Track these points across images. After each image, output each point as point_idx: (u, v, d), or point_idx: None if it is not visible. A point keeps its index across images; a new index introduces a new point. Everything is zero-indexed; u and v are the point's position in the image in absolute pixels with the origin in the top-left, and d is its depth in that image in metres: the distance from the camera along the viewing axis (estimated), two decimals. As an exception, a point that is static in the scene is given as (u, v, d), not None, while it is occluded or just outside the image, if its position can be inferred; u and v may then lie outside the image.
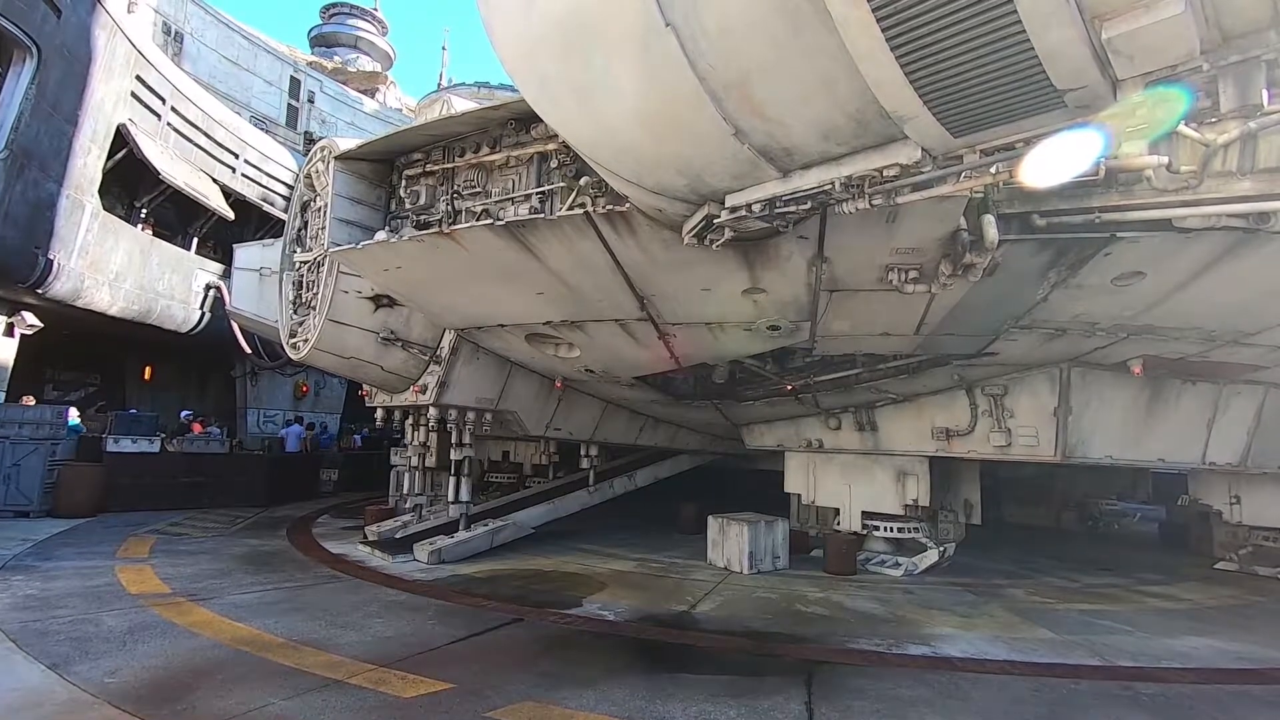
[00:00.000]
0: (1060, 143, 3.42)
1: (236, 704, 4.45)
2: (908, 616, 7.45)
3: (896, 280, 5.80)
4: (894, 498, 9.64)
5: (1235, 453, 8.38)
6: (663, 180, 4.73)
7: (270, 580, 8.21)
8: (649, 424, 12.09)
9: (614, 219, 5.65)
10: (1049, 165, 3.55)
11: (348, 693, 4.72)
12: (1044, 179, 3.69)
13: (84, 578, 7.89)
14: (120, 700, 4.44)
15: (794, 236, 5.54)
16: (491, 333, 8.56)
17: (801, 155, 4.10)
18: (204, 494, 14.60)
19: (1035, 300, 6.24)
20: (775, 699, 4.93)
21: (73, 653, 5.31)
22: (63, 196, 13.27)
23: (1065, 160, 3.58)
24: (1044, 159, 3.51)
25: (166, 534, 11.19)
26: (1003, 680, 5.52)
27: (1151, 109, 3.10)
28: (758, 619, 7.19)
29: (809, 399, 9.54)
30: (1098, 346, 7.17)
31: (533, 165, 6.93)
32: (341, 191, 7.61)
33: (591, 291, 6.92)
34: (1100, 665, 5.99)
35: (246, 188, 19.47)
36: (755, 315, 6.89)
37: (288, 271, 10.46)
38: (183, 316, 17.98)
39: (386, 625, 6.45)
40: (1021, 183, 3.81)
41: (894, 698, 5.03)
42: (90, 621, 6.16)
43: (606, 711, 4.57)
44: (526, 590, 8.10)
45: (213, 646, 5.64)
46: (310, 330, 9.20)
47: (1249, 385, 8.16)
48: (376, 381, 9.86)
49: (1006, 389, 8.27)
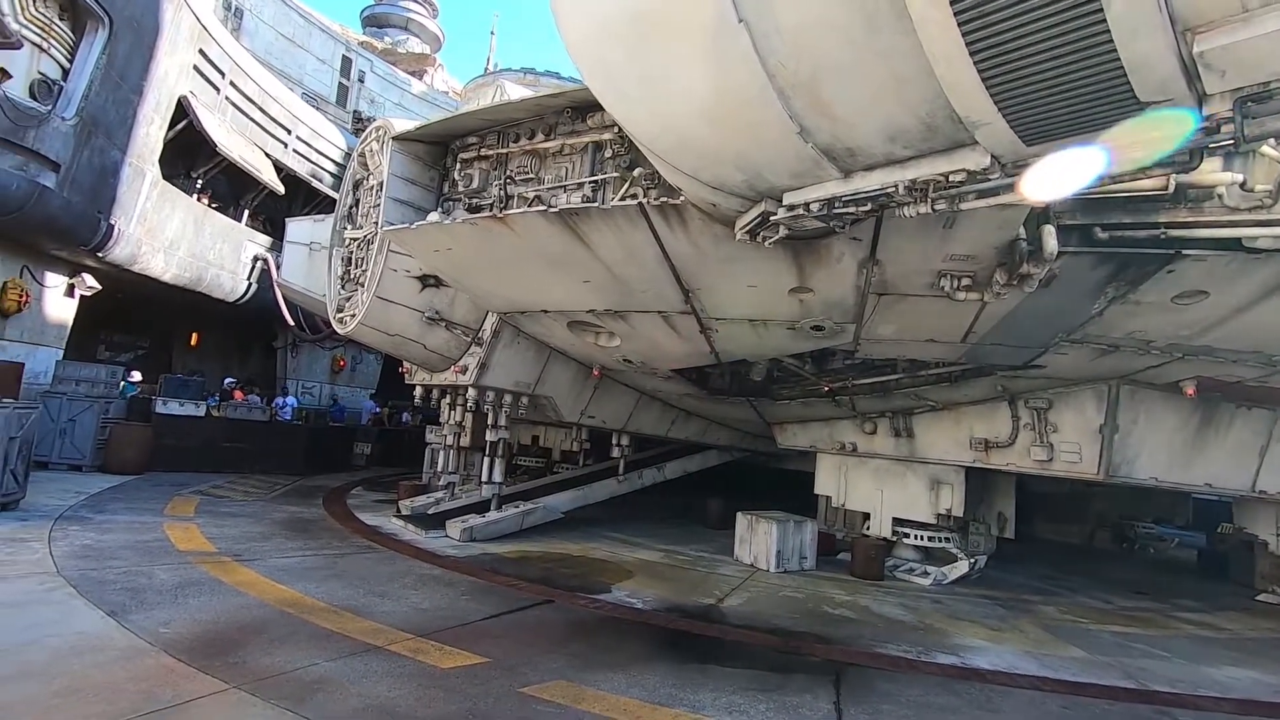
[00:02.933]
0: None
1: (283, 661, 4.63)
2: (936, 625, 7.40)
3: (949, 287, 5.74)
4: (927, 506, 9.55)
5: (1289, 482, 8.15)
6: (721, 175, 4.75)
7: (309, 546, 8.47)
8: (681, 417, 12.13)
9: (667, 211, 5.68)
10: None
11: (387, 659, 4.87)
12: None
13: (135, 532, 8.22)
14: (175, 650, 4.64)
15: (847, 237, 5.51)
16: (534, 318, 8.66)
17: (865, 157, 4.08)
18: (244, 459, 15.06)
19: (1089, 315, 6.12)
20: (804, 696, 4.96)
21: (129, 602, 5.56)
22: (125, 164, 13.70)
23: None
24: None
25: (209, 495, 11.58)
26: (1033, 695, 5.47)
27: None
28: (784, 617, 7.21)
29: (845, 401, 9.48)
30: (1150, 365, 7.01)
31: (586, 154, 6.99)
32: (397, 171, 7.76)
33: (637, 282, 6.97)
34: (1135, 689, 5.90)
35: (297, 163, 19.88)
36: (800, 314, 6.87)
37: (337, 247, 10.69)
38: (231, 286, 18.46)
39: (422, 597, 6.62)
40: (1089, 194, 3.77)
41: (923, 704, 5.02)
42: (143, 574, 6.43)
43: (638, 696, 4.65)
44: (555, 573, 8.22)
45: (258, 606, 5.86)
46: (358, 305, 9.41)
47: (1309, 412, 7.92)
48: (418, 360, 10.05)
49: (1051, 403, 8.12)
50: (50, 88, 11.80)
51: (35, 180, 11.51)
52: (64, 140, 11.96)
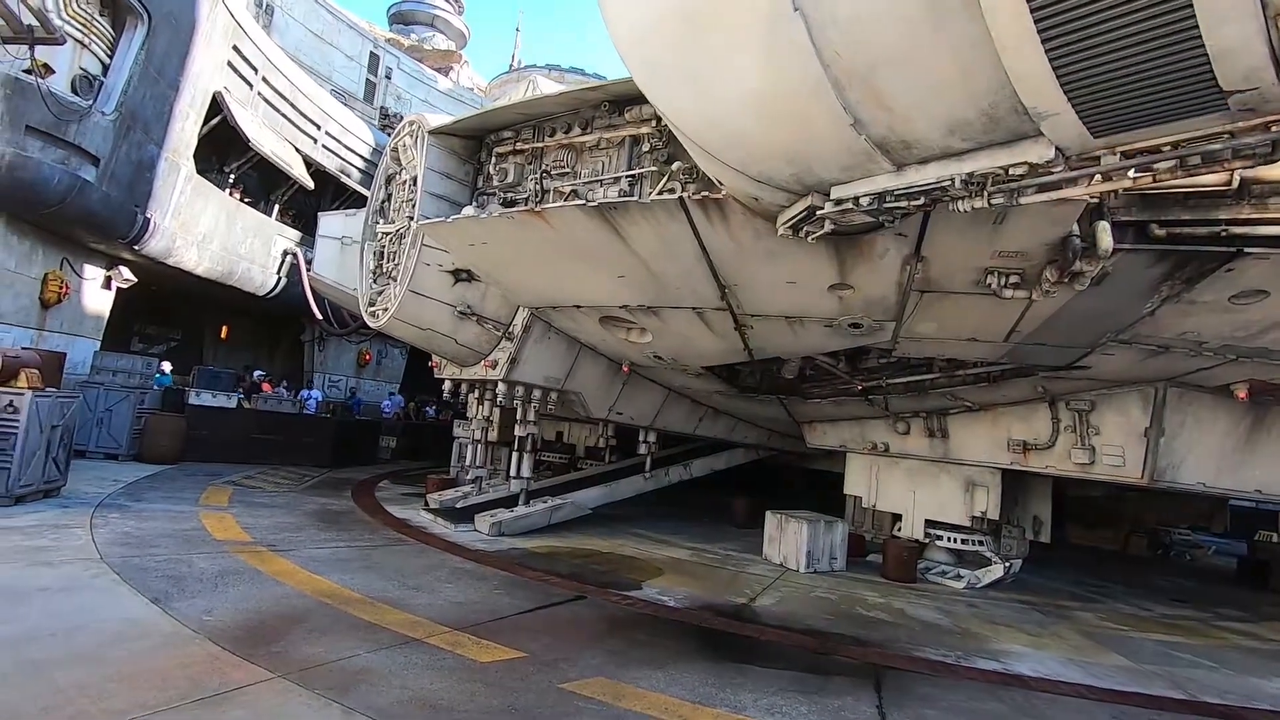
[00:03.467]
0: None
1: (324, 652, 4.65)
2: (973, 630, 7.27)
3: (996, 284, 5.60)
4: (961, 508, 9.39)
5: (1342, 489, 7.88)
6: (769, 169, 4.68)
7: (342, 538, 8.53)
8: (709, 415, 12.06)
9: (708, 206, 5.61)
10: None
11: (427, 652, 4.87)
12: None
13: (173, 520, 8.34)
14: (219, 638, 4.68)
15: (892, 233, 5.41)
16: (566, 313, 8.64)
17: (921, 149, 3.99)
18: (273, 451, 15.24)
19: (1141, 314, 5.95)
20: (845, 699, 4.89)
21: (171, 589, 5.62)
22: (161, 159, 13.92)
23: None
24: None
25: (242, 486, 11.73)
26: (1079, 704, 5.35)
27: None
28: (818, 618, 7.12)
29: (879, 401, 9.36)
30: (1201, 367, 6.81)
31: (623, 148, 6.94)
32: (434, 166, 7.77)
33: (673, 277, 6.91)
34: (1184, 699, 5.74)
35: (326, 158, 20.07)
36: (839, 312, 6.77)
37: (369, 242, 10.76)
38: (261, 280, 18.70)
39: (456, 591, 6.63)
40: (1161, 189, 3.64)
41: (966, 710, 4.93)
42: (183, 562, 6.51)
43: (678, 695, 4.61)
44: (585, 569, 8.20)
45: (297, 596, 5.90)
46: (390, 300, 9.46)
47: (1365, 418, 7.65)
48: (449, 354, 10.08)
49: (1093, 404, 7.93)
50: (91, 83, 12.01)
51: (76, 174, 11.72)
52: (104, 135, 12.17)
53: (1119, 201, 5.06)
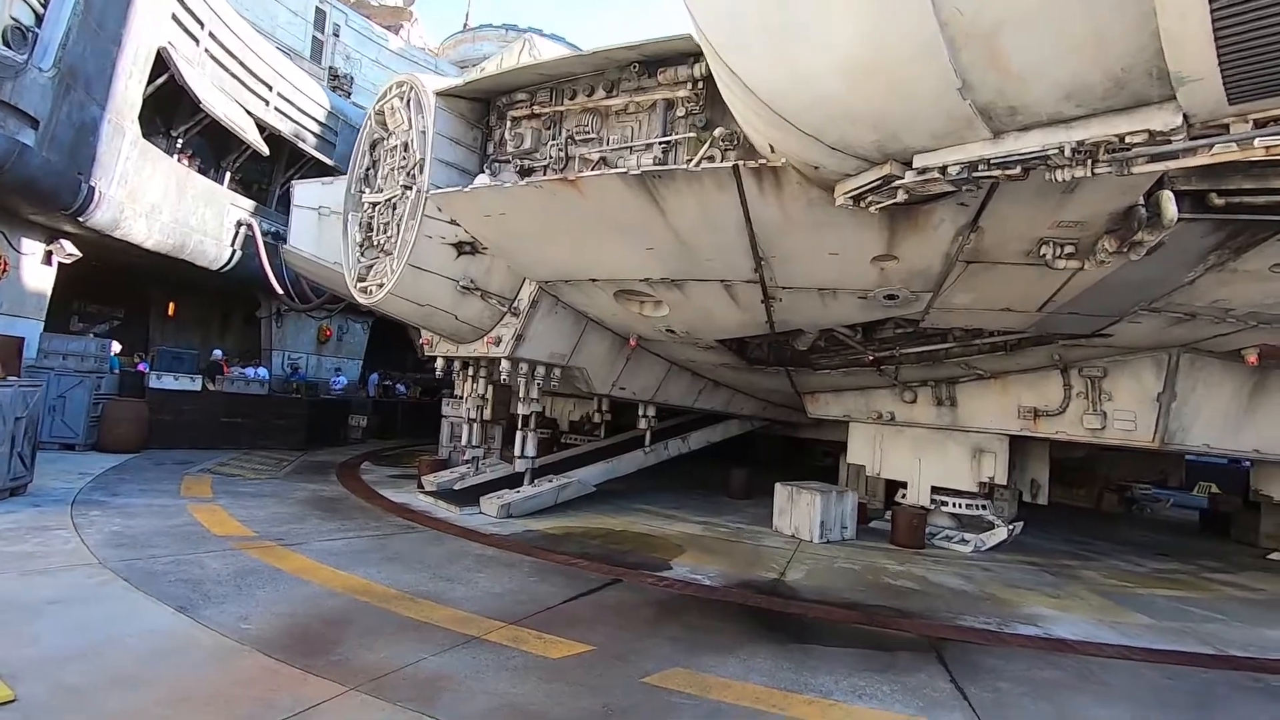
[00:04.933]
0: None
1: (387, 658, 4.34)
2: (999, 595, 7.41)
3: (1050, 255, 5.54)
4: (968, 474, 9.55)
5: (1329, 447, 8.30)
6: (849, 135, 4.44)
7: (348, 528, 8.10)
8: (708, 387, 11.92)
9: (763, 174, 5.35)
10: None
11: (493, 651, 4.61)
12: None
13: (161, 516, 7.76)
14: (267, 648, 4.31)
15: (953, 203, 5.27)
16: (579, 287, 8.29)
17: (1027, 115, 3.81)
18: (243, 434, 14.47)
19: (1180, 283, 6.01)
20: (918, 675, 4.86)
21: (192, 595, 5.18)
22: (105, 121, 12.72)
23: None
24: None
25: (220, 474, 11.06)
26: (1130, 666, 5.48)
27: None
28: (852, 590, 7.13)
29: (890, 371, 9.36)
30: (1220, 334, 6.98)
31: (655, 112, 6.57)
32: (443, 131, 7.23)
33: (706, 249, 6.64)
34: (1216, 654, 5.96)
35: (279, 122, 18.79)
36: (877, 283, 6.64)
37: (353, 212, 10.09)
38: (215, 253, 17.50)
39: (490, 580, 6.35)
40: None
41: (1034, 680, 4.97)
42: (192, 563, 6.03)
43: (760, 682, 4.49)
44: (608, 550, 8.02)
45: (329, 595, 5.53)
46: (385, 274, 8.90)
47: (1353, 380, 8.03)
48: (447, 331, 9.60)
49: (1106, 371, 8.09)
50: (24, 35, 10.79)
51: (14, 138, 10.58)
52: (42, 93, 11.00)
53: (1177, 171, 5.02)
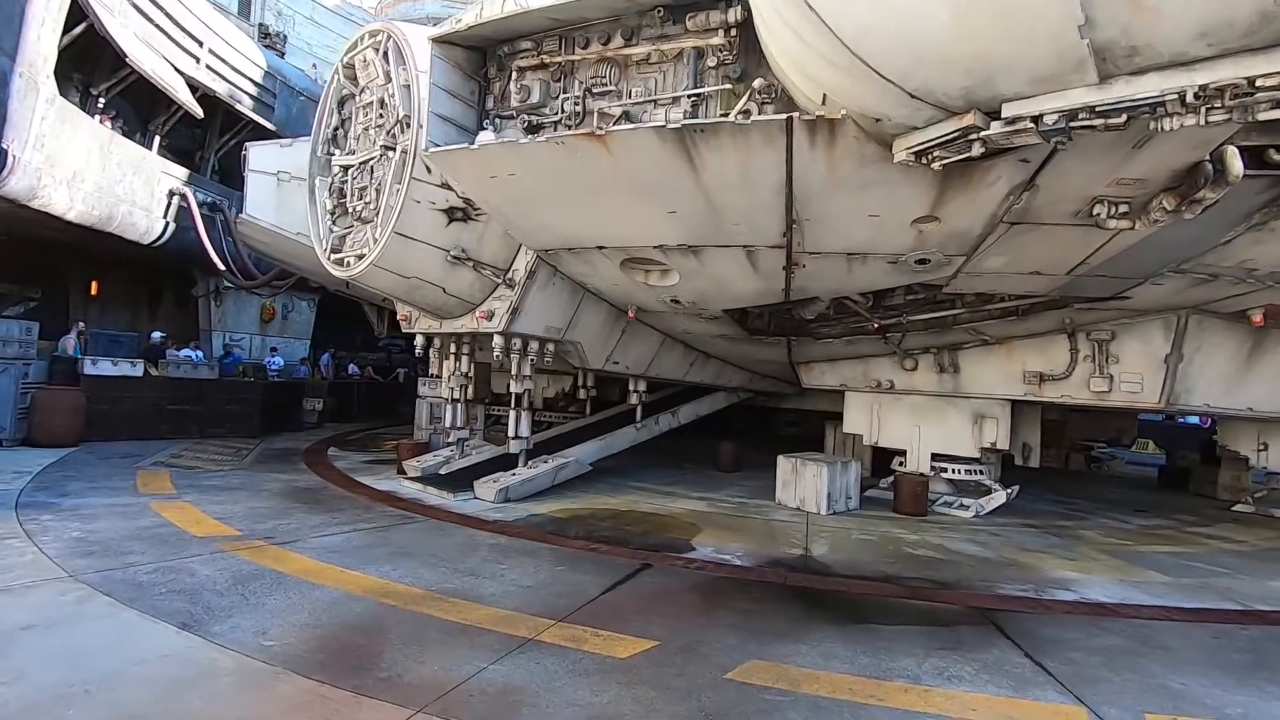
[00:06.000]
0: None
1: (443, 670, 3.86)
2: (1019, 560, 7.41)
3: (1103, 214, 5.37)
4: (969, 440, 9.56)
5: (1313, 403, 8.63)
6: (937, 79, 4.08)
7: (339, 520, 7.46)
8: (700, 360, 11.58)
9: (818, 128, 4.95)
10: None
11: (555, 654, 4.19)
12: None
13: (125, 517, 6.95)
14: (303, 668, 3.77)
15: (1014, 159, 5.01)
16: (583, 255, 7.76)
17: (1147, 56, 3.53)
18: (191, 422, 13.36)
19: (1217, 242, 5.97)
20: (991, 652, 4.70)
21: (193, 609, 4.55)
22: (15, 75, 11.25)
23: None
24: None
25: (176, 467, 10.12)
26: (1176, 628, 5.47)
27: None
28: (881, 563, 6.99)
29: (895, 339, 9.22)
30: (1236, 294, 7.06)
31: (682, 62, 6.06)
32: (440, 82, 6.52)
33: (735, 212, 6.22)
34: (1243, 610, 6.06)
35: (213, 81, 17.21)
36: (912, 247, 6.38)
37: (320, 177, 9.21)
38: (145, 226, 15.99)
39: (518, 573, 5.88)
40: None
41: (1101, 649, 4.88)
42: (180, 570, 5.35)
43: (845, 670, 4.22)
44: (623, 532, 7.64)
45: (348, 599, 4.97)
46: (366, 244, 8.13)
47: (1335, 338, 8.32)
48: (433, 305, 8.91)
49: (1114, 334, 8.14)
50: (-85, -30, 9.32)
51: (-90, 91, 9.19)
52: (-60, 40, 9.58)
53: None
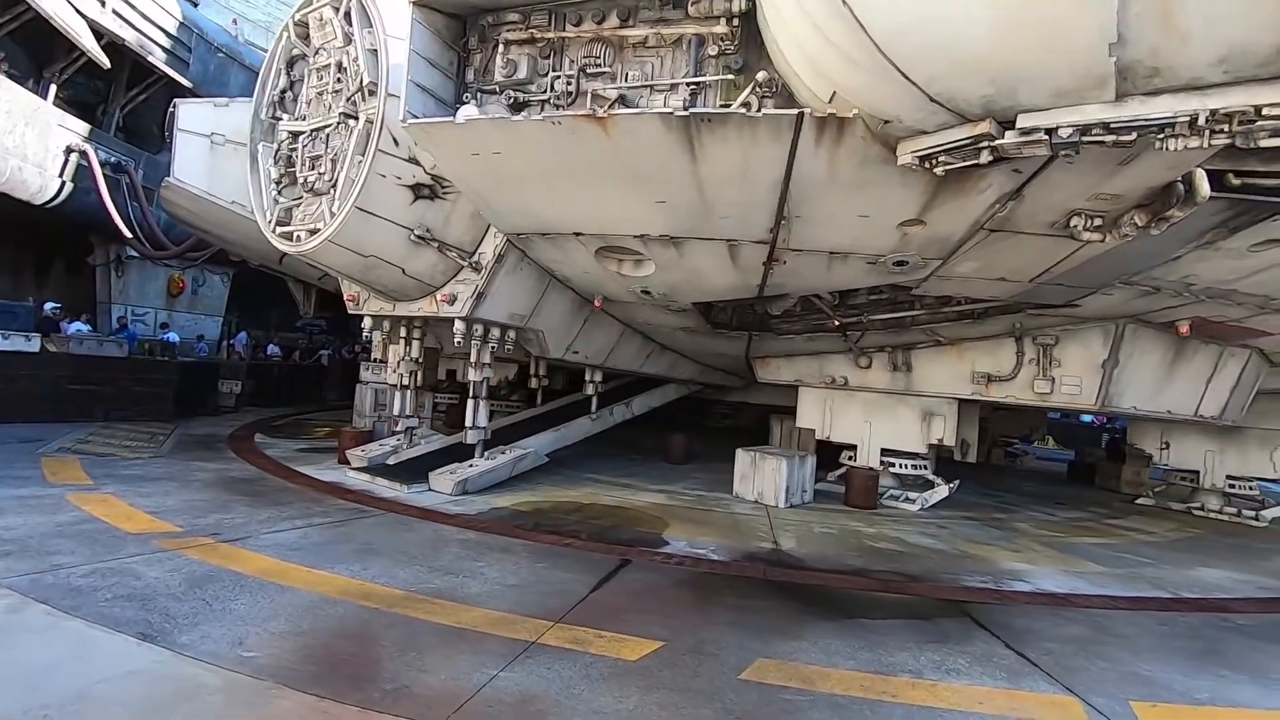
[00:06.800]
0: None
1: (451, 679, 3.62)
2: (971, 552, 7.77)
3: (1080, 226, 5.63)
4: (918, 437, 9.94)
5: (1218, 407, 9.46)
6: (960, 86, 4.13)
7: (288, 514, 6.94)
8: (656, 351, 11.52)
9: (827, 126, 4.94)
10: None
11: (563, 658, 4.02)
12: None
13: (39, 511, 6.21)
14: (297, 681, 3.45)
15: (1007, 168, 5.16)
16: (556, 241, 7.50)
17: (1166, 78, 3.68)
18: (97, 405, 12.15)
19: (1169, 257, 6.39)
20: (976, 644, 4.87)
21: (150, 617, 4.08)
22: (-113, 2, 9.80)
23: None
24: None
25: (86, 454, 9.16)
26: (1125, 616, 5.86)
27: None
28: (848, 556, 7.15)
29: (853, 336, 9.45)
30: (1172, 306, 7.61)
31: (681, 49, 5.91)
32: (420, 49, 6.08)
33: (726, 206, 6.16)
34: (1174, 598, 6.58)
35: (121, 29, 15.59)
36: (894, 248, 6.51)
37: (264, 142, 8.50)
38: (38, 185, 14.39)
39: (497, 571, 5.64)
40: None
41: (1070, 638, 5.15)
42: (122, 572, 4.81)
43: (850, 667, 4.26)
44: (591, 526, 7.50)
45: (325, 603, 4.61)
46: (320, 218, 7.57)
47: (1241, 349, 9.14)
48: (390, 287, 8.41)
49: (1058, 339, 8.64)
50: None
51: None
52: None
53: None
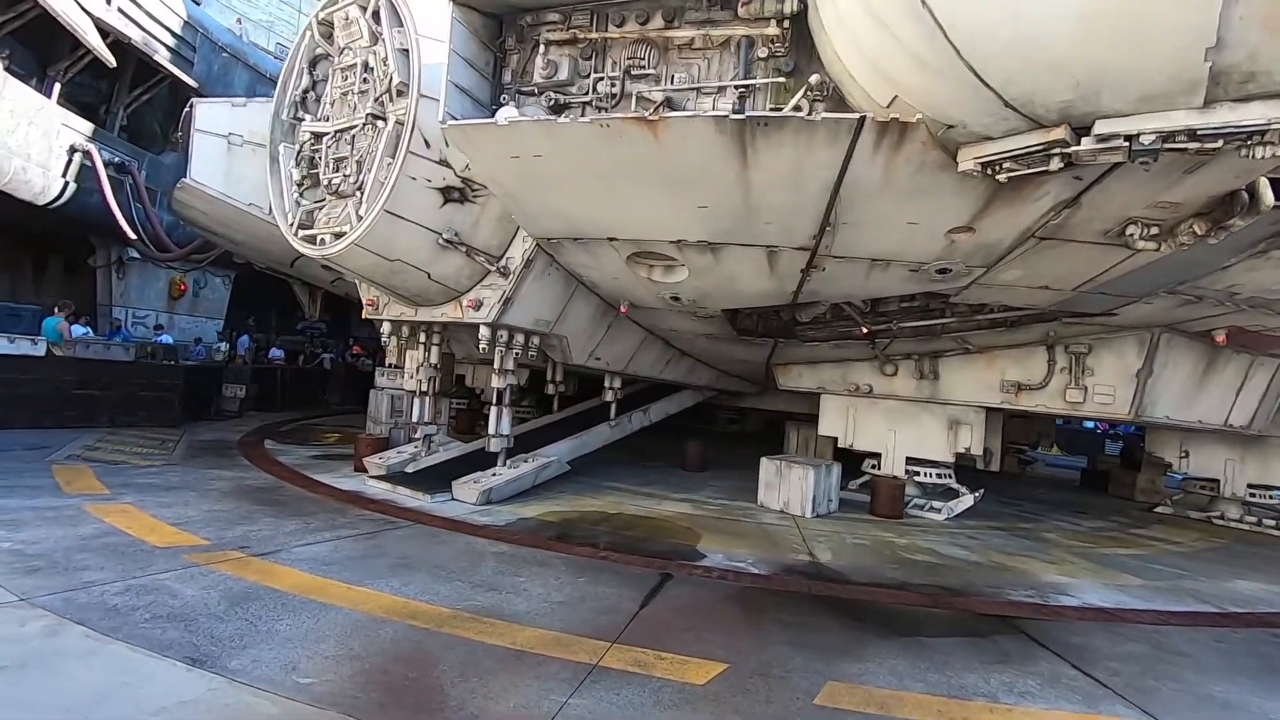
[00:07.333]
0: None
1: (522, 706, 3.45)
2: (1007, 564, 7.64)
3: (1135, 234, 5.53)
4: (944, 445, 9.83)
5: (1247, 417, 9.40)
6: (1040, 90, 4.01)
7: (314, 525, 6.74)
8: (675, 358, 11.37)
9: (888, 131, 4.81)
10: None
11: (629, 682, 3.85)
12: None
13: (59, 523, 5.99)
14: (362, 711, 3.27)
15: (1069, 175, 5.05)
16: (589, 246, 7.34)
17: (1260, 84, 3.57)
18: (101, 410, 11.89)
19: (1218, 266, 6.30)
20: (1040, 664, 4.74)
21: (194, 639, 3.89)
22: (-107, -3, 9.56)
23: None
24: None
25: (97, 462, 8.92)
26: (1180, 632, 5.75)
27: None
28: (887, 569, 7.01)
29: (881, 344, 9.33)
30: (1213, 315, 7.53)
31: (730, 51, 5.78)
32: (460, 49, 5.92)
33: (771, 211, 6.02)
34: (1221, 613, 6.47)
35: (126, 26, 15.34)
36: (939, 256, 6.39)
37: (284, 143, 8.32)
38: (41, 185, 14.10)
39: (541, 586, 5.46)
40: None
41: (1131, 656, 5.03)
42: (156, 589, 4.61)
43: (921, 690, 4.12)
44: (623, 537, 7.33)
45: (372, 623, 4.42)
46: (346, 220, 7.39)
47: (1270, 358, 9.08)
48: (412, 291, 8.23)
49: (1091, 347, 8.55)
50: None
51: None
52: None
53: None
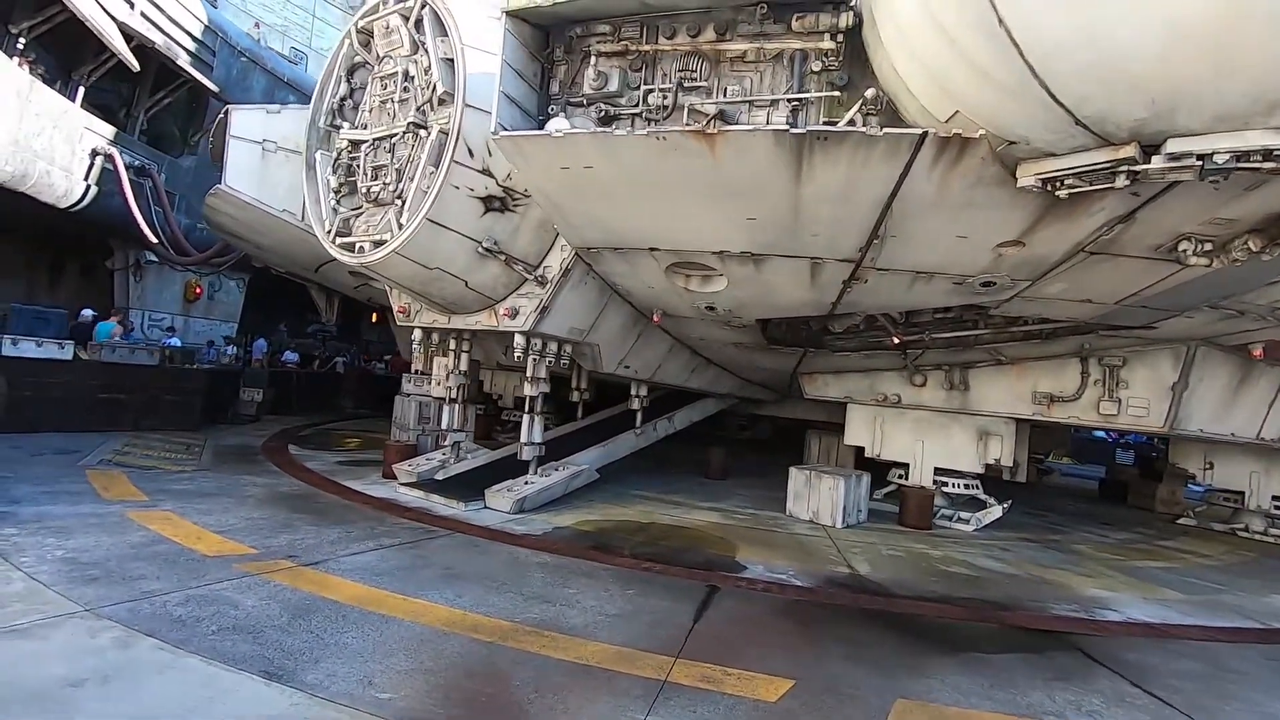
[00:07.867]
0: None
1: (602, 725, 3.44)
2: (1044, 577, 7.62)
3: (1189, 250, 5.53)
4: (973, 456, 9.81)
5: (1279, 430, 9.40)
6: (1114, 108, 4.01)
7: (356, 534, 6.73)
8: (700, 366, 11.37)
9: (950, 145, 4.81)
10: None
11: (701, 699, 3.84)
12: None
13: (105, 530, 5.99)
14: (447, 729, 3.26)
15: (1126, 191, 5.04)
16: (627, 255, 7.34)
17: (1344, 104, 3.58)
18: (125, 414, 11.90)
19: (1266, 282, 6.30)
20: (1100, 681, 4.72)
21: (266, 652, 3.89)
22: (-72, 1, 9.59)
23: None
24: None
25: (129, 466, 8.93)
26: (1229, 649, 5.73)
27: None
28: (927, 582, 7.00)
29: (913, 354, 9.33)
30: (1247, 329, 7.52)
31: (783, 64, 5.78)
32: (512, 61, 5.93)
33: (818, 224, 6.01)
34: (1265, 629, 6.44)
35: (149, 30, 15.39)
36: (986, 269, 6.38)
37: (321, 151, 8.34)
38: (65, 188, 14.13)
39: (592, 598, 5.45)
40: None
41: (1189, 674, 5.01)
42: (216, 600, 4.60)
43: (990, 709, 4.10)
44: (661, 548, 7.32)
45: (437, 636, 4.41)
46: (385, 229, 7.39)
47: (1303, 371, 9.09)
48: (448, 299, 8.23)
49: (1125, 360, 8.55)
50: None
51: None
52: None
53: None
